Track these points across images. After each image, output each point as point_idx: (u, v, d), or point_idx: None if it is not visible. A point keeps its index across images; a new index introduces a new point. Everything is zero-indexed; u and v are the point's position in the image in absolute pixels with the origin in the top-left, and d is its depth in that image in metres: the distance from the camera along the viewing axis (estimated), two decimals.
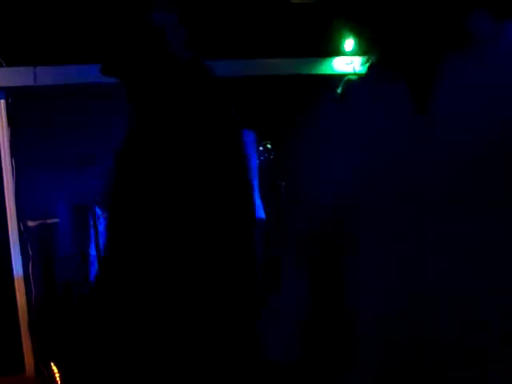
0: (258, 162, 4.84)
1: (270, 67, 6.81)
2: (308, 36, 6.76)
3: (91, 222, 4.29)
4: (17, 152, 6.00)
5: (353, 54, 7.12)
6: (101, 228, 4.29)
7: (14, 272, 5.94)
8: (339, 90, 5.44)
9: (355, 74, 7.14)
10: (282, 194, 6.45)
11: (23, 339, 5.92)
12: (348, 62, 7.16)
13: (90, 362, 4.31)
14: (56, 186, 5.89)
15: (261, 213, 4.64)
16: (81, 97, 6.17)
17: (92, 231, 4.28)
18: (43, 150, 6.00)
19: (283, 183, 6.44)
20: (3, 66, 5.98)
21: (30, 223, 5.93)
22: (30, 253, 5.91)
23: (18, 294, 5.95)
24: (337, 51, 7.06)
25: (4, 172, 6.00)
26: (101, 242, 4.29)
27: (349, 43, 7.04)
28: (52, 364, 5.28)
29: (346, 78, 6.28)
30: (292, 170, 5.22)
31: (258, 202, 4.67)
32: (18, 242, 5.95)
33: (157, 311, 2.05)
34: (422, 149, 1.29)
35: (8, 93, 6.05)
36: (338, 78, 6.63)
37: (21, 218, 5.94)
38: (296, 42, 6.75)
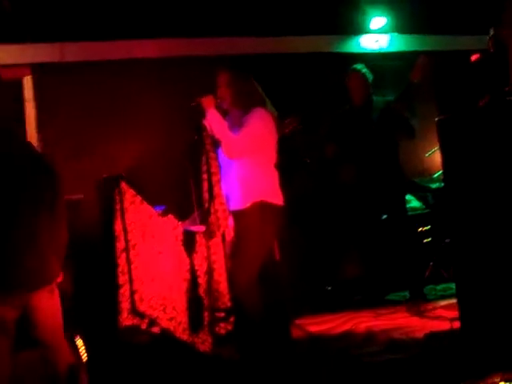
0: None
1: (296, 45, 6.78)
2: (335, 14, 6.71)
3: (117, 198, 4.29)
4: (42, 127, 6.01)
5: (380, 31, 7.06)
6: (127, 204, 4.29)
7: None
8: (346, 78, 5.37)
9: (381, 52, 7.12)
10: (307, 171, 6.43)
11: None
12: (374, 40, 7.10)
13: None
14: (82, 161, 5.91)
15: (278, 200, 4.61)
16: (107, 73, 6.18)
17: (117, 206, 4.28)
18: (69, 126, 6.01)
19: (309, 160, 6.42)
20: (29, 42, 5.98)
21: None
22: None
23: None
24: (364, 29, 7.01)
25: None
26: (126, 217, 4.29)
27: (376, 21, 6.98)
28: (77, 338, 5.32)
29: (352, 67, 6.27)
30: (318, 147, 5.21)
31: (274, 189, 4.64)
32: None
33: None
34: None
35: (34, 69, 6.05)
36: (364, 57, 6.58)
37: None
38: (323, 19, 6.69)
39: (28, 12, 5.90)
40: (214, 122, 4.47)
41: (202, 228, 4.54)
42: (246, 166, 4.53)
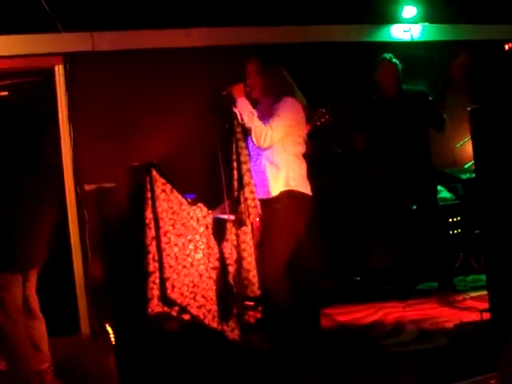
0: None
1: (326, 34, 6.75)
2: (366, 2, 6.67)
3: (148, 186, 4.33)
4: (74, 117, 6.05)
5: (411, 21, 7.00)
6: (158, 191, 4.32)
7: (71, 234, 6.04)
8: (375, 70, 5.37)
9: (413, 41, 7.07)
10: (338, 160, 6.42)
11: (79, 301, 6.02)
12: (406, 30, 7.05)
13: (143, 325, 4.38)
14: (113, 149, 5.95)
15: (306, 189, 4.63)
16: (139, 62, 6.21)
17: (149, 194, 4.31)
18: (101, 114, 6.05)
19: (339, 150, 6.41)
20: (61, 32, 6.02)
21: (87, 187, 5.99)
22: (87, 217, 5.99)
23: (74, 257, 6.04)
24: (395, 18, 6.96)
25: (62, 136, 6.07)
26: (157, 204, 4.33)
27: (407, 10, 6.92)
28: (107, 325, 5.37)
29: (382, 56, 6.23)
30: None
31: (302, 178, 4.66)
32: (74, 205, 6.04)
33: None
34: None
35: (66, 58, 6.09)
36: (395, 46, 6.55)
37: (78, 181, 6.01)
38: (354, 8, 6.66)
39: (60, 1, 5.93)
40: (244, 110, 4.49)
41: (232, 216, 4.56)
42: (275, 155, 4.56)
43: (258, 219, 4.63)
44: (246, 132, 4.55)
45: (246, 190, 4.44)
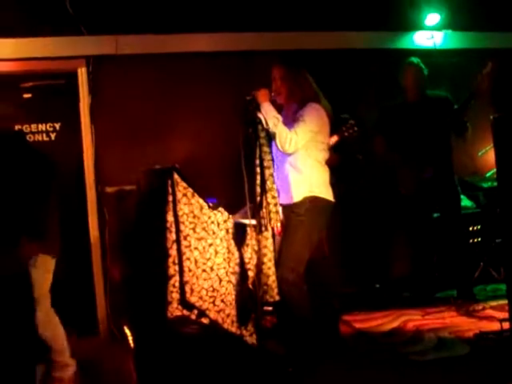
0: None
1: (349, 40, 6.74)
2: (389, 9, 6.66)
3: (170, 189, 4.34)
4: (96, 119, 6.09)
5: (434, 28, 6.98)
6: (179, 195, 4.33)
7: (91, 237, 6.07)
8: (400, 73, 5.31)
9: (436, 49, 7.05)
10: (359, 167, 6.40)
11: (98, 303, 6.05)
12: (429, 37, 7.03)
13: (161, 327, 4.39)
14: (135, 152, 5.98)
15: (329, 195, 4.65)
16: (161, 66, 6.23)
17: (170, 198, 4.32)
18: (123, 117, 6.08)
19: (361, 157, 6.39)
20: (84, 35, 6.06)
21: (108, 189, 6.02)
22: (107, 219, 6.02)
23: (94, 258, 6.08)
24: (418, 25, 6.94)
25: (84, 138, 6.11)
26: (178, 208, 4.34)
27: (430, 17, 6.91)
28: (125, 327, 5.38)
29: (408, 60, 6.20)
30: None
31: (325, 185, 4.68)
32: (95, 208, 6.07)
33: None
34: None
35: (89, 61, 6.13)
36: (418, 53, 6.52)
37: (99, 184, 6.04)
38: (377, 15, 6.65)
39: (83, 4, 5.98)
40: (269, 115, 4.50)
41: (254, 221, 4.56)
42: (298, 161, 4.58)
43: (279, 224, 4.63)
44: (270, 137, 4.57)
45: (269, 195, 4.44)
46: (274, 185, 4.49)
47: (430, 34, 7.01)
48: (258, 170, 4.47)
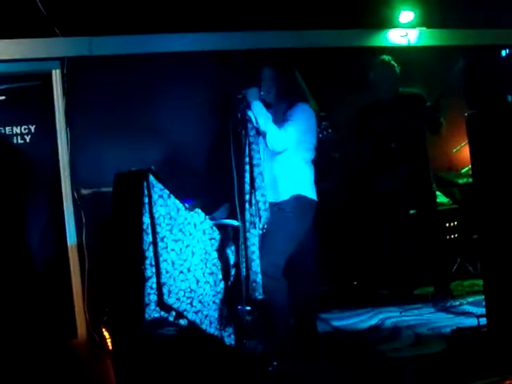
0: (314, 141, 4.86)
1: (322, 39, 6.75)
2: (362, 7, 6.67)
3: (145, 191, 4.33)
4: (72, 121, 6.06)
5: (408, 26, 7.00)
6: (155, 197, 4.33)
7: (68, 239, 6.03)
8: (372, 72, 5.40)
9: (410, 46, 7.08)
10: (336, 165, 6.42)
11: (76, 305, 6.01)
12: (403, 35, 7.05)
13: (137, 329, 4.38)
14: (110, 154, 5.95)
15: (313, 195, 4.72)
16: (135, 67, 6.21)
17: (146, 200, 4.31)
18: (98, 119, 6.05)
19: (337, 155, 6.41)
20: (59, 36, 6.03)
21: (84, 191, 5.99)
22: (84, 221, 5.99)
23: (71, 261, 6.04)
24: (392, 23, 6.96)
25: (59, 141, 6.07)
26: (154, 210, 4.33)
27: (404, 15, 6.93)
28: (103, 330, 5.37)
29: (380, 58, 6.20)
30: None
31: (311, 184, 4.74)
32: (72, 210, 6.03)
33: None
34: None
35: (63, 62, 6.09)
36: (392, 51, 6.55)
37: (75, 186, 6.01)
38: (350, 13, 6.66)
39: (57, 6, 5.94)
40: (259, 114, 4.55)
41: (234, 221, 4.58)
42: (286, 160, 4.64)
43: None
44: (259, 135, 4.60)
45: (258, 193, 4.47)
46: (262, 183, 4.52)
47: (405, 31, 7.03)
48: (248, 167, 4.49)
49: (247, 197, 4.45)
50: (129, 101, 6.17)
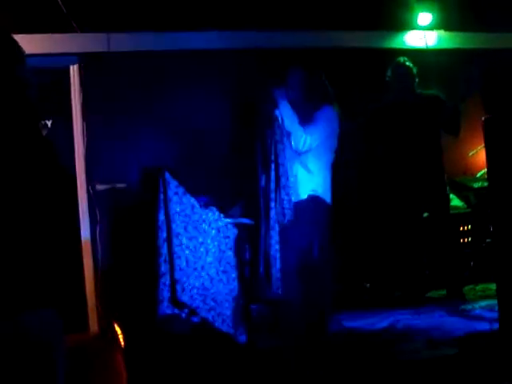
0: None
1: (340, 40, 6.74)
2: (381, 9, 6.66)
3: (161, 188, 4.35)
4: (88, 117, 6.08)
5: (426, 28, 6.99)
6: (170, 194, 4.34)
7: (82, 235, 6.05)
8: (389, 73, 5.41)
9: (427, 49, 7.06)
10: (350, 168, 6.41)
11: (88, 300, 6.03)
12: (421, 37, 7.03)
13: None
14: (126, 150, 5.97)
15: (329, 198, 4.75)
16: (153, 64, 6.22)
17: (161, 196, 4.33)
18: (114, 115, 6.07)
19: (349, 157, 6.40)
20: (77, 32, 6.05)
21: (99, 187, 6.01)
22: (98, 216, 6.01)
23: (84, 256, 6.06)
24: (410, 25, 6.94)
25: (75, 136, 6.09)
26: (169, 207, 4.34)
27: (422, 17, 6.91)
28: (116, 325, 5.38)
29: (396, 59, 6.18)
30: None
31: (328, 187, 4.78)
32: (86, 206, 6.05)
33: None
34: None
35: (81, 58, 6.12)
36: (410, 53, 6.53)
37: (90, 181, 6.03)
38: (369, 14, 6.65)
39: (76, 2, 5.96)
40: (286, 114, 4.58)
41: (248, 220, 4.60)
42: (308, 161, 4.69)
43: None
44: (284, 135, 4.63)
45: (283, 192, 4.50)
46: (287, 181, 4.55)
47: (422, 33, 7.01)
48: (273, 166, 4.52)
49: (272, 195, 4.48)
50: (146, 98, 6.18)
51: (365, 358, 4.60)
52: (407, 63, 6.12)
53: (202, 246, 4.42)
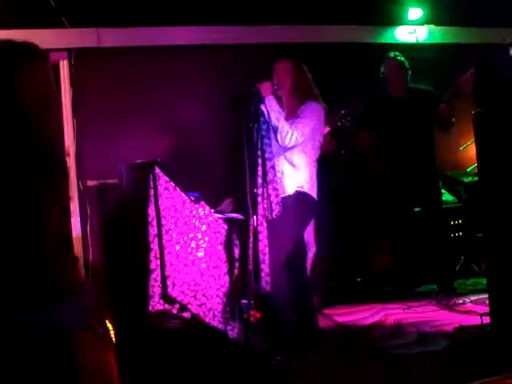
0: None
1: (331, 35, 6.74)
2: (371, 4, 6.66)
3: (151, 183, 4.33)
4: (78, 112, 6.06)
5: (416, 23, 6.99)
6: (161, 189, 4.33)
7: (73, 231, 6.04)
8: (382, 68, 5.40)
9: (418, 43, 7.06)
10: (342, 162, 6.40)
11: None
12: (411, 32, 7.04)
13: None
14: (117, 146, 5.95)
15: (314, 193, 4.71)
16: (143, 59, 6.21)
17: (152, 192, 4.31)
18: (105, 111, 6.05)
19: (343, 151, 6.40)
20: (66, 27, 6.02)
21: (90, 183, 6.00)
22: (89, 212, 6.00)
23: (75, 252, 6.04)
24: (400, 20, 6.95)
25: (66, 131, 6.08)
26: (160, 202, 4.33)
27: (413, 12, 6.91)
28: (107, 322, 5.36)
29: (389, 54, 6.17)
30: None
31: (313, 183, 4.74)
32: (77, 201, 6.04)
33: None
34: None
35: (71, 53, 6.10)
36: (400, 48, 6.54)
37: (81, 177, 6.02)
38: (359, 9, 6.65)
39: None
40: (272, 109, 4.56)
41: (239, 215, 4.59)
42: (294, 156, 4.65)
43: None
44: (270, 130, 4.61)
45: (270, 187, 4.48)
46: (274, 177, 4.53)
47: (413, 28, 7.02)
48: (260, 161, 4.50)
49: (260, 190, 4.46)
50: (136, 93, 6.17)
51: (357, 353, 4.60)
52: (399, 58, 6.13)
53: (192, 242, 4.41)
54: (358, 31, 6.85)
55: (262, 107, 4.56)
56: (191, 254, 4.41)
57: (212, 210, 4.63)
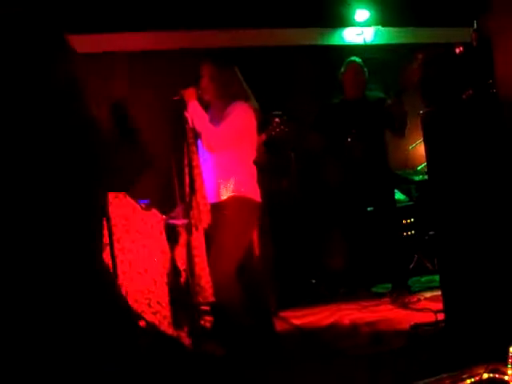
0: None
1: (278, 37, 6.75)
2: (318, 6, 6.68)
3: None
4: None
5: (364, 24, 7.04)
6: (111, 198, 4.27)
7: None
8: (342, 69, 5.42)
9: (365, 45, 7.11)
10: (291, 163, 6.41)
11: None
12: (358, 33, 7.09)
13: None
14: None
15: (255, 195, 4.64)
16: (82, 65, 6.12)
17: None
18: None
19: (293, 154, 6.41)
20: None
21: None
22: None
23: None
24: (348, 21, 6.99)
25: None
26: (110, 211, 4.27)
27: (360, 14, 6.96)
28: None
29: (349, 59, 6.20)
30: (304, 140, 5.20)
31: (251, 184, 4.68)
32: None
33: None
34: None
35: None
36: (348, 49, 6.58)
37: None
38: (306, 11, 6.67)
39: (32, 3, 5.83)
40: (195, 114, 4.48)
41: (185, 221, 4.54)
42: (224, 160, 4.55)
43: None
44: (197, 136, 4.54)
45: (198, 195, 4.42)
46: (202, 185, 4.46)
47: (360, 30, 7.07)
48: (187, 170, 4.44)
49: (188, 199, 4.40)
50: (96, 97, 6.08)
51: (314, 355, 4.60)
52: (361, 64, 6.16)
53: (144, 249, 4.36)
54: (305, 33, 6.86)
55: (186, 114, 4.50)
56: (144, 261, 4.36)
57: (163, 217, 4.58)
